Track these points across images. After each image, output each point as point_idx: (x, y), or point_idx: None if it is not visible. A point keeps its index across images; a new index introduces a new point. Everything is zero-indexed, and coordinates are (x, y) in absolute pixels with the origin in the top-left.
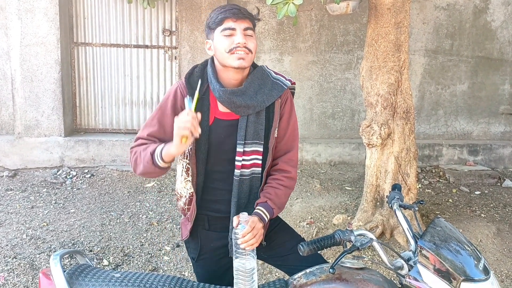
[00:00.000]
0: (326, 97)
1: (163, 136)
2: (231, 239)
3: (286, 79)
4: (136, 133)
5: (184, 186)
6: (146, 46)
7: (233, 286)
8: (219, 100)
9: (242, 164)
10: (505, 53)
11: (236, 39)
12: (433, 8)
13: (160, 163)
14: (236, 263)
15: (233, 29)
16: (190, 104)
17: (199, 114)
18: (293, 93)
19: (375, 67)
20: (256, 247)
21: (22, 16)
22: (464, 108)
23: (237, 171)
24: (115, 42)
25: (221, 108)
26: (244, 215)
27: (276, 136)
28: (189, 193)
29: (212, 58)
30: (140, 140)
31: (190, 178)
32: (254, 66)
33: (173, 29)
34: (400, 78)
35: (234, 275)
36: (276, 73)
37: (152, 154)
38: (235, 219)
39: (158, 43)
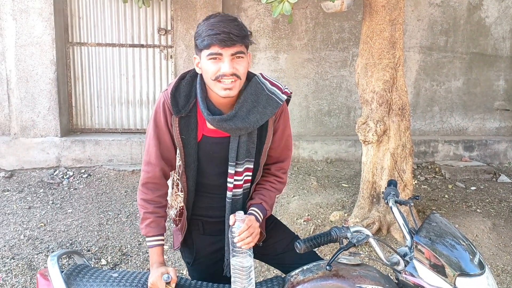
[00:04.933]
0: (322, 95)
1: (166, 152)
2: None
3: (282, 92)
4: (132, 132)
5: (174, 199)
6: (142, 46)
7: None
8: (209, 122)
9: (234, 185)
10: (499, 49)
11: (222, 68)
12: (427, 5)
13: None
14: (233, 261)
15: (220, 54)
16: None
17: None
18: (288, 101)
19: (370, 64)
20: (253, 247)
21: (16, 16)
22: (459, 104)
23: (229, 193)
24: (111, 41)
25: (210, 125)
26: (240, 214)
27: (268, 148)
28: (180, 206)
29: (201, 75)
30: (150, 169)
31: (180, 194)
32: (248, 77)
33: (169, 28)
34: (395, 75)
35: (231, 274)
36: (272, 84)
37: (145, 235)
38: (231, 218)
39: (153, 42)
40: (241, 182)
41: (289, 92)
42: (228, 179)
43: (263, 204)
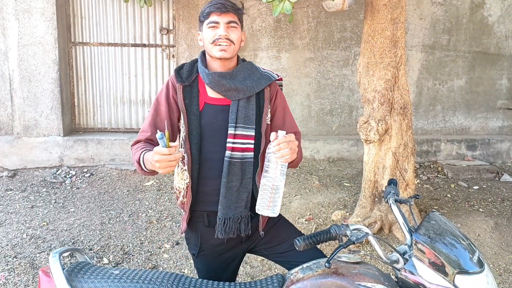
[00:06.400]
0: (324, 94)
1: (159, 124)
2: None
3: (274, 73)
4: (135, 132)
5: (181, 178)
6: (144, 45)
7: (232, 281)
8: (209, 85)
9: (232, 147)
10: (502, 48)
11: (218, 32)
12: (430, 4)
13: (145, 168)
14: (264, 180)
15: (217, 22)
16: (163, 142)
17: (175, 145)
18: (281, 89)
19: (372, 63)
20: (256, 243)
21: (19, 16)
22: (462, 103)
23: (227, 152)
24: (113, 41)
25: (211, 93)
26: (282, 132)
27: (269, 123)
28: (186, 184)
29: (203, 51)
30: (142, 134)
31: (186, 167)
32: (243, 60)
33: (171, 27)
34: (397, 74)
35: (259, 191)
36: (264, 69)
37: (138, 161)
38: (273, 134)
39: (155, 41)
40: (242, 147)
41: (279, 76)
42: (228, 139)
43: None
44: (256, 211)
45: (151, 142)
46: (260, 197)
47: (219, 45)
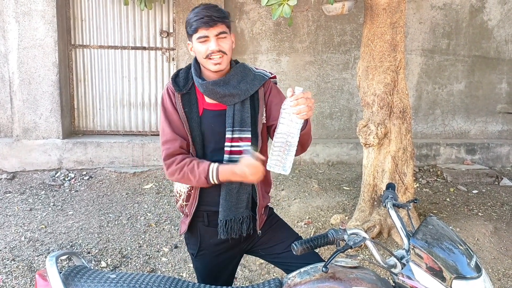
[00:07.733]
0: (323, 97)
1: (178, 131)
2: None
3: (267, 72)
4: (134, 134)
5: None
6: (144, 48)
7: (230, 284)
8: (204, 93)
9: (230, 150)
10: (501, 52)
11: (210, 46)
12: (429, 8)
13: (215, 181)
14: (277, 137)
15: (207, 36)
16: (253, 156)
17: (262, 158)
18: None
19: (372, 67)
20: (253, 244)
21: (19, 19)
22: (461, 107)
23: (226, 156)
24: (113, 44)
25: (208, 99)
26: (299, 89)
27: (265, 122)
28: (188, 188)
29: (195, 58)
30: (172, 146)
31: None
32: (236, 62)
33: (171, 30)
34: (397, 77)
35: (271, 148)
36: (257, 68)
37: (207, 177)
38: (289, 90)
39: (155, 44)
40: (239, 149)
41: (273, 73)
42: (226, 143)
43: None
44: (267, 168)
45: (185, 151)
46: (272, 154)
47: (212, 58)
